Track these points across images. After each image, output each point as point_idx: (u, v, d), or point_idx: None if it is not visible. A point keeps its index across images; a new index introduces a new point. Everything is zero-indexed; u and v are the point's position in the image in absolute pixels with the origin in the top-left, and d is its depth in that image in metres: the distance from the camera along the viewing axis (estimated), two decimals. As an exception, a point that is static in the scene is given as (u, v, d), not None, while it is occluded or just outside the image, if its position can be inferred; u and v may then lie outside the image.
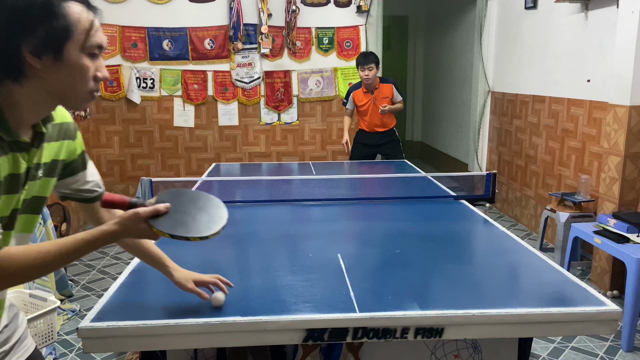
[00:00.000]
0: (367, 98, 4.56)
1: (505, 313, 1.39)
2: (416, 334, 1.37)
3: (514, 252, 1.91)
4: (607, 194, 3.38)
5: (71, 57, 1.02)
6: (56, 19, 0.98)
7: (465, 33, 6.28)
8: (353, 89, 4.66)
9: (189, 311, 1.40)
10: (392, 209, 2.61)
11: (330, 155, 5.81)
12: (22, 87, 1.02)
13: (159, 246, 1.47)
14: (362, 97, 4.59)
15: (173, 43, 5.43)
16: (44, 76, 1.02)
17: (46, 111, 1.10)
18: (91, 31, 1.04)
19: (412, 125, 8.68)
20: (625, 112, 3.20)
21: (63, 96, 1.06)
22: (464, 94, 6.33)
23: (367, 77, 4.40)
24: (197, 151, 5.67)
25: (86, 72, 1.05)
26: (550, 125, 4.40)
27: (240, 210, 2.58)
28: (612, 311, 1.39)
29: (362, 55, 4.48)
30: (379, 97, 4.51)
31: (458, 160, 6.63)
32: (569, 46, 4.08)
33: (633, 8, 3.09)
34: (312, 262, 1.80)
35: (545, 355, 2.69)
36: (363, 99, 4.59)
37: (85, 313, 3.17)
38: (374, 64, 4.39)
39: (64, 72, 1.02)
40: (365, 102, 4.58)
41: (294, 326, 1.35)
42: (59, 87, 1.04)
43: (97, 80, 1.08)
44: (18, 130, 1.05)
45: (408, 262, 1.81)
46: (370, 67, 4.38)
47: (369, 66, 4.38)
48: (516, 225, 4.95)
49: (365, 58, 4.41)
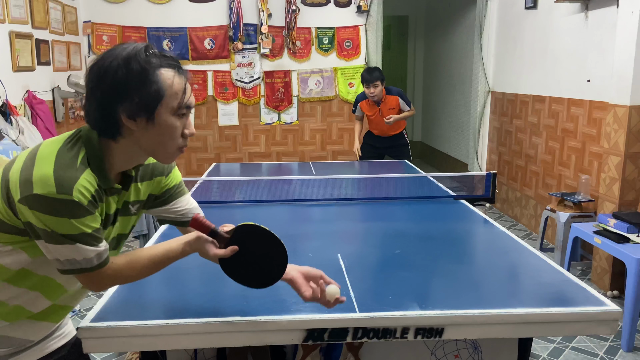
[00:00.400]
0: (374, 110, 4.54)
1: (505, 313, 1.39)
2: (416, 334, 1.37)
3: (514, 252, 1.91)
4: (607, 194, 3.38)
5: (162, 119, 1.12)
6: (150, 86, 1.09)
7: (465, 33, 6.28)
8: (360, 99, 4.63)
9: (189, 311, 1.39)
10: (392, 209, 2.61)
11: (330, 155, 5.81)
12: (118, 143, 1.14)
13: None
14: (368, 108, 4.58)
15: (173, 43, 5.43)
16: (137, 135, 1.13)
17: (137, 162, 1.22)
18: (181, 94, 1.13)
19: (412, 125, 8.68)
20: (625, 112, 3.19)
21: (153, 152, 1.18)
22: (464, 94, 6.33)
23: (373, 95, 4.37)
24: (197, 151, 5.67)
25: (175, 132, 1.15)
26: (550, 125, 4.40)
27: (240, 210, 2.58)
28: (612, 311, 1.39)
29: (367, 72, 4.41)
30: (385, 109, 4.48)
31: (458, 160, 6.63)
32: (569, 46, 4.08)
33: (633, 8, 3.09)
34: (312, 262, 1.79)
35: (545, 355, 2.69)
36: (369, 110, 4.58)
37: (85, 313, 3.17)
38: (379, 81, 4.33)
39: (155, 132, 1.13)
40: (372, 113, 4.57)
41: (294, 326, 1.35)
42: (150, 144, 1.15)
43: (185, 137, 1.18)
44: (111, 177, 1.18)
45: (408, 262, 1.81)
46: (376, 85, 4.33)
47: (374, 84, 4.32)
48: (516, 225, 4.95)
49: (370, 75, 4.34)
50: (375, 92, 4.35)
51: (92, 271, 1.14)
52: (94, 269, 1.14)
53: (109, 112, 1.09)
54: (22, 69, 3.90)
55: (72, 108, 4.80)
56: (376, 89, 4.35)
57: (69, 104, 4.73)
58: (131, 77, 1.07)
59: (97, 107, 1.10)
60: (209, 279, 1.68)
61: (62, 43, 4.74)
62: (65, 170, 1.07)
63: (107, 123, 1.11)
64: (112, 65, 1.07)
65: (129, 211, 1.28)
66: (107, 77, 1.08)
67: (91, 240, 1.11)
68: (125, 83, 1.07)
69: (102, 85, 1.08)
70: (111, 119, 1.10)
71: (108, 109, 1.09)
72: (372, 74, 4.35)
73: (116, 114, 1.09)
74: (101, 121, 1.11)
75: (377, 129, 4.65)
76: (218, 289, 1.57)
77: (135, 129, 1.11)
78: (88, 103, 1.12)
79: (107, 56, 1.09)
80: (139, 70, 1.08)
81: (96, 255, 1.13)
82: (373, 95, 4.38)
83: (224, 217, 2.46)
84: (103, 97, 1.09)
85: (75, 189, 1.06)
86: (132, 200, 1.28)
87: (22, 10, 3.98)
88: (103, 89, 1.08)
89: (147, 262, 1.22)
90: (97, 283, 1.19)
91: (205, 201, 2.67)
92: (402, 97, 4.52)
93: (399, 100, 4.49)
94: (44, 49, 4.30)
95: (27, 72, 3.99)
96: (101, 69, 1.08)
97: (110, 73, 1.07)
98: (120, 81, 1.07)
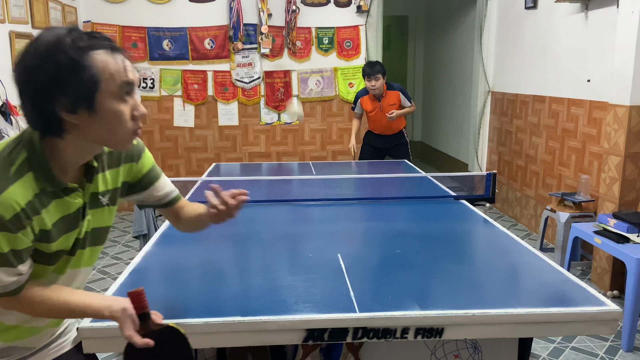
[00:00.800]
0: (375, 105, 4.54)
1: (505, 313, 1.39)
2: (416, 334, 1.37)
3: (514, 252, 1.90)
4: (607, 194, 3.38)
5: (104, 106, 1.03)
6: (83, 74, 0.99)
7: (465, 33, 6.28)
8: (361, 95, 4.62)
9: (189, 311, 1.39)
10: (392, 209, 2.61)
11: (330, 155, 5.81)
12: (64, 139, 1.06)
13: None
14: (369, 104, 4.57)
15: (173, 43, 5.43)
16: (82, 128, 1.04)
17: (90, 155, 1.14)
18: (120, 75, 1.04)
19: (412, 125, 8.68)
20: (626, 112, 3.19)
21: (105, 141, 1.10)
22: (464, 94, 6.33)
23: (374, 87, 4.37)
24: (197, 151, 5.67)
25: (122, 116, 1.06)
26: (550, 125, 4.40)
27: (241, 210, 2.58)
28: (612, 311, 1.39)
29: (369, 65, 4.41)
30: (386, 104, 4.48)
31: (458, 160, 6.63)
32: (569, 46, 4.08)
33: (633, 8, 3.09)
34: (312, 262, 1.80)
35: (545, 355, 2.69)
36: (370, 106, 4.57)
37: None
38: (381, 74, 4.34)
39: (100, 121, 1.04)
40: (373, 108, 4.56)
41: (294, 326, 1.35)
42: (98, 135, 1.07)
43: (136, 119, 1.09)
44: (65, 176, 1.11)
45: (408, 262, 1.81)
46: (377, 77, 4.33)
47: (375, 76, 4.33)
48: (516, 225, 4.95)
49: (372, 68, 4.35)
50: (377, 85, 4.35)
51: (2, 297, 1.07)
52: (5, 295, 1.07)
53: (45, 110, 1.01)
54: (22, 69, 3.90)
55: (72, 108, 4.80)
56: (377, 81, 4.35)
57: (69, 104, 4.73)
58: (59, 70, 0.98)
59: (32, 107, 1.02)
60: (209, 279, 1.68)
61: (62, 43, 4.74)
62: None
63: (47, 122, 1.03)
64: (35, 62, 0.98)
65: (99, 202, 1.20)
66: (34, 76, 0.99)
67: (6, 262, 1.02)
68: (55, 77, 0.98)
69: (31, 85, 1.00)
70: (50, 117, 1.01)
71: (44, 107, 1.01)
72: (373, 67, 4.36)
73: (54, 111, 1.01)
74: (40, 121, 1.03)
75: (378, 126, 4.64)
76: (218, 289, 1.57)
77: (78, 122, 1.03)
78: (23, 105, 1.04)
79: (29, 52, 1.00)
80: (66, 61, 0.98)
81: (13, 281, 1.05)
82: (374, 88, 4.38)
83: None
84: (36, 96, 1.00)
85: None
86: (102, 190, 1.21)
87: (22, 10, 3.98)
88: (33, 88, 1.00)
89: (62, 306, 1.13)
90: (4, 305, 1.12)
91: (205, 201, 2.67)
92: (403, 92, 4.53)
93: (400, 96, 4.49)
94: (44, 49, 4.30)
95: (27, 72, 3.99)
96: (26, 68, 1.00)
97: (36, 70, 0.98)
98: (49, 76, 0.98)
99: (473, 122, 5.84)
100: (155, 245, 1.96)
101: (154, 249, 1.92)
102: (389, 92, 4.49)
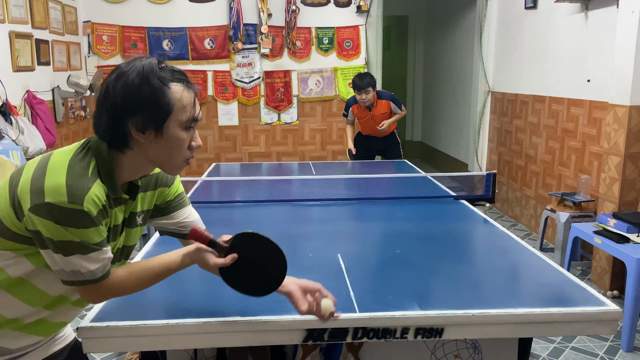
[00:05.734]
0: (365, 114, 4.54)
1: (505, 313, 1.39)
2: (416, 334, 1.37)
3: (514, 252, 1.91)
4: (607, 194, 3.38)
5: (170, 132, 1.14)
6: (161, 101, 1.11)
7: (465, 33, 6.28)
8: (351, 104, 4.61)
9: (189, 311, 1.39)
10: (392, 208, 2.61)
11: (330, 155, 5.81)
12: (125, 154, 1.16)
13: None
14: (360, 112, 4.57)
15: (173, 43, 5.43)
16: (145, 147, 1.15)
17: (143, 173, 1.23)
18: (190, 109, 1.15)
19: (412, 125, 8.68)
20: (625, 112, 3.19)
21: (161, 163, 1.20)
22: (464, 94, 6.33)
23: (364, 100, 4.37)
24: (197, 151, 5.62)
25: (183, 144, 1.17)
26: (550, 125, 4.40)
27: (240, 210, 2.58)
28: (612, 311, 1.39)
29: (358, 78, 4.37)
30: (377, 113, 4.48)
31: (458, 160, 6.63)
32: (569, 46, 4.08)
33: (633, 8, 3.09)
34: (312, 262, 1.80)
35: (545, 355, 2.69)
36: (361, 114, 4.58)
37: (85, 313, 3.16)
38: (371, 87, 4.33)
39: (163, 145, 1.15)
40: (364, 117, 4.57)
41: (294, 326, 1.35)
42: (157, 156, 1.17)
43: (192, 149, 1.20)
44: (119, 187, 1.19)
45: (408, 262, 1.81)
46: (367, 91, 4.31)
47: (365, 90, 4.31)
48: (516, 225, 4.95)
49: (362, 81, 4.32)
50: (367, 98, 4.35)
51: (95, 283, 1.15)
52: (97, 280, 1.15)
53: (119, 124, 1.11)
54: (22, 69, 3.90)
55: (72, 108, 4.80)
56: (367, 95, 4.34)
57: (69, 103, 4.73)
58: (142, 91, 1.09)
59: (107, 119, 1.12)
60: (209, 279, 1.67)
61: (62, 43, 4.74)
62: (77, 180, 1.08)
63: (117, 135, 1.13)
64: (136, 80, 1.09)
65: (135, 222, 1.28)
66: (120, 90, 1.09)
67: (97, 252, 1.12)
68: (139, 98, 1.09)
69: (115, 99, 1.10)
70: (121, 131, 1.12)
71: (119, 121, 1.11)
72: (363, 80, 4.32)
73: (126, 126, 1.11)
74: (111, 133, 1.13)
75: (369, 131, 4.64)
76: (218, 289, 1.57)
77: (143, 141, 1.13)
78: (98, 115, 1.13)
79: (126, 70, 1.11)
80: (153, 86, 1.10)
81: (100, 267, 1.14)
82: (364, 101, 4.38)
83: (224, 217, 2.47)
84: (115, 110, 1.10)
85: (86, 199, 1.07)
86: (139, 210, 1.28)
87: (22, 10, 3.98)
88: (116, 102, 1.10)
89: (147, 273, 1.22)
90: (98, 295, 1.20)
91: (205, 201, 2.68)
92: (394, 101, 4.52)
93: (390, 105, 4.49)
94: (43, 49, 4.30)
95: (27, 72, 3.99)
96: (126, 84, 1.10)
97: (123, 86, 1.09)
98: (135, 96, 1.09)
99: (473, 122, 5.84)
100: (156, 245, 1.96)
101: (154, 249, 1.92)
102: (380, 102, 4.48)
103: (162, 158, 1.17)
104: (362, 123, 4.64)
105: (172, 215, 1.39)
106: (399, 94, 5.71)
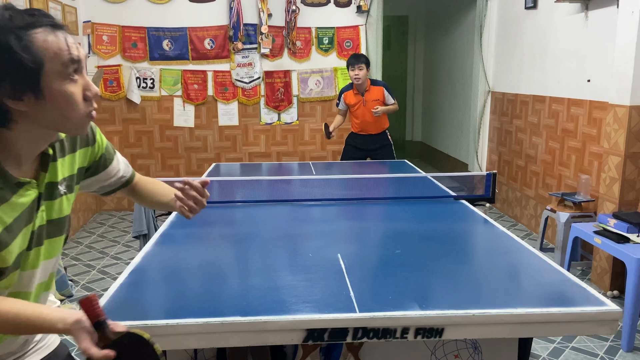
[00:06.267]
0: (358, 99, 4.55)
1: (505, 313, 1.39)
2: (416, 334, 1.37)
3: (514, 252, 1.91)
4: (607, 194, 3.38)
5: (52, 89, 0.96)
6: (22, 57, 0.92)
7: (465, 33, 6.28)
8: (345, 90, 4.64)
9: (189, 311, 1.39)
10: (392, 209, 2.61)
11: (330, 155, 5.81)
12: (13, 130, 0.98)
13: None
14: (352, 98, 4.58)
15: (173, 43, 5.43)
16: (32, 115, 0.97)
17: (44, 144, 1.07)
18: (63, 53, 0.96)
19: (412, 125, 8.68)
20: (626, 112, 3.20)
21: (58, 127, 1.03)
22: (464, 94, 6.33)
23: (357, 77, 4.39)
24: (197, 151, 5.67)
25: (73, 97, 0.99)
26: (550, 125, 4.40)
27: (240, 210, 2.58)
28: (612, 311, 1.39)
29: (353, 56, 4.47)
30: (369, 99, 4.49)
31: (458, 160, 6.63)
32: (569, 46, 4.08)
33: (633, 8, 3.09)
34: (312, 262, 1.80)
35: (545, 355, 2.69)
36: (354, 100, 4.58)
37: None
38: (364, 64, 4.39)
39: (50, 106, 0.97)
40: (356, 102, 4.57)
41: (294, 326, 1.35)
42: (50, 121, 1.00)
43: (88, 100, 1.02)
44: (19, 168, 1.03)
45: (408, 262, 1.81)
46: (360, 67, 4.36)
47: (359, 66, 4.36)
48: (516, 225, 4.95)
49: (356, 58, 4.41)
50: (360, 74, 4.37)
51: None
52: None
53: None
54: (22, 69, 3.90)
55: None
56: (361, 71, 4.37)
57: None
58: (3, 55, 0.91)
59: None
60: (209, 279, 1.68)
61: (62, 43, 4.73)
62: None
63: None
64: None
65: (57, 192, 1.12)
66: None
67: None
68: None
69: None
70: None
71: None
72: (357, 58, 4.41)
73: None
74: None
75: (361, 123, 4.62)
76: (218, 289, 1.57)
77: (26, 109, 0.96)
78: None
79: None
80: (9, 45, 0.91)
81: None
82: (357, 78, 4.39)
83: (224, 217, 2.46)
84: None
85: None
86: (60, 179, 1.13)
87: (22, 10, 3.97)
88: None
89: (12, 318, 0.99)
90: None
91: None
92: (387, 89, 4.56)
93: (384, 92, 4.52)
94: (44, 49, 4.29)
95: (27, 72, 3.99)
96: None
97: None
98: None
99: (473, 122, 5.84)
100: (155, 245, 1.96)
101: (154, 249, 1.92)
102: (373, 88, 4.52)
103: (56, 121, 1.00)
104: (355, 112, 4.62)
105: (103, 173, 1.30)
106: (399, 94, 5.71)
